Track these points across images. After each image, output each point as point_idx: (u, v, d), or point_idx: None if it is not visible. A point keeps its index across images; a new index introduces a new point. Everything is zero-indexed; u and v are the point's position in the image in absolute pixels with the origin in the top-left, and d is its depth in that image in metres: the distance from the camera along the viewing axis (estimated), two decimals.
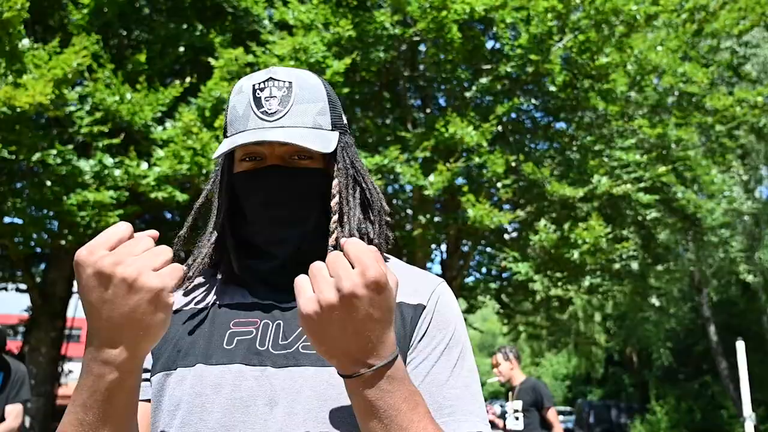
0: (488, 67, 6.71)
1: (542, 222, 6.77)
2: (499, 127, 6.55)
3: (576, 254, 6.11)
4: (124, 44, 8.34)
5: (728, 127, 7.75)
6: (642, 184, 7.00)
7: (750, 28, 7.61)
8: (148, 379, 0.85)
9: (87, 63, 5.42)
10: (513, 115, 7.20)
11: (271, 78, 0.84)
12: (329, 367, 0.77)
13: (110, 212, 5.69)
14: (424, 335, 0.83)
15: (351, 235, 0.85)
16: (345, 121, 0.91)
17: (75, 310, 10.94)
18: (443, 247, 8.90)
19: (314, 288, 0.67)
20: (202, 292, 0.90)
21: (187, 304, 0.89)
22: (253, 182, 0.85)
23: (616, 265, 7.20)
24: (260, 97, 0.83)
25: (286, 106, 0.83)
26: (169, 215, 10.59)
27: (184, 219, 0.93)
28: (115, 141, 6.01)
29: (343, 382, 0.73)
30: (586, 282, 7.59)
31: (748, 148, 11.69)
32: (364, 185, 0.89)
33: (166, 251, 0.65)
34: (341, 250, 0.76)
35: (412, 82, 8.09)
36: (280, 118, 0.82)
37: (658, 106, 8.04)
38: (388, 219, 0.93)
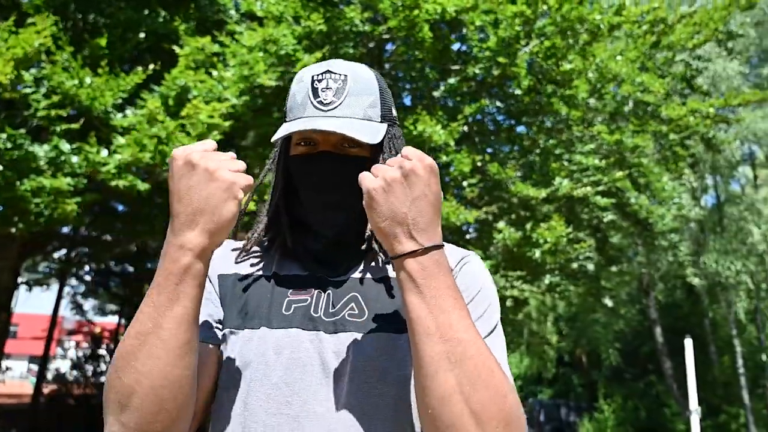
0: (456, 67, 6.80)
1: (501, 222, 6.92)
2: (465, 128, 6.64)
3: (537, 253, 6.27)
4: (80, 27, 8.05)
5: (681, 136, 8.08)
6: (600, 188, 7.23)
7: (703, 42, 7.96)
8: (220, 328, 0.94)
9: (48, 43, 5.22)
10: (478, 117, 7.31)
11: (328, 71, 0.92)
12: (371, 333, 0.88)
13: (68, 199, 5.49)
14: (465, 287, 0.91)
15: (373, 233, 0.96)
16: (394, 114, 0.98)
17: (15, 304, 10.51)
18: None
19: (378, 172, 0.78)
20: (262, 263, 0.99)
21: (250, 273, 0.98)
22: (307, 166, 0.94)
23: (574, 265, 7.44)
24: (317, 88, 0.91)
25: (340, 97, 0.90)
26: (120, 207, 10.29)
27: (137, 210, 1.01)
28: (74, 126, 5.79)
29: (379, 344, 0.84)
30: (546, 280, 7.80)
31: (698, 157, 12.24)
32: None
33: (241, 163, 0.79)
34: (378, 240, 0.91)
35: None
36: (334, 108, 0.90)
37: (616, 114, 8.32)
38: None
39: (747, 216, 13.89)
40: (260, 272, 0.97)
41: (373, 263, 0.97)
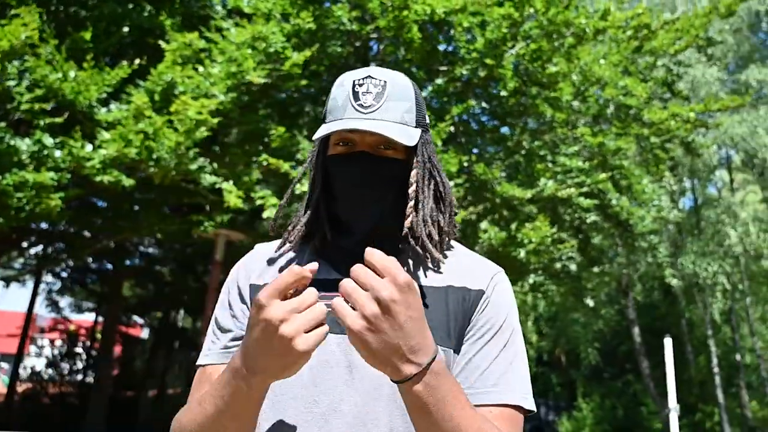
0: (444, 68, 6.84)
1: (484, 223, 6.98)
2: (452, 128, 6.70)
3: (522, 253, 6.35)
4: (62, 20, 7.93)
5: (662, 139, 8.24)
6: (584, 189, 7.34)
7: (684, 48, 8.13)
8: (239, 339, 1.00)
9: (35, 37, 5.14)
10: (464, 117, 7.37)
11: (369, 76, 0.97)
12: None
13: (51, 195, 5.41)
14: (481, 317, 0.95)
15: (424, 221, 0.98)
16: (427, 121, 1.03)
17: None
18: None
19: (355, 304, 0.75)
20: (303, 258, 1.03)
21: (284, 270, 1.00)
22: (345, 164, 0.98)
23: (558, 265, 7.55)
24: (358, 92, 0.95)
25: (380, 101, 0.94)
26: (100, 202, 10.15)
27: (118, 206, 1.02)
28: (58, 120, 5.71)
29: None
30: (530, 280, 7.90)
31: (677, 160, 12.48)
32: (438, 179, 1.02)
33: (320, 312, 0.77)
34: (411, 235, 0.94)
35: None
36: (373, 111, 0.94)
37: (599, 116, 8.45)
38: (456, 211, 1.06)
39: (724, 219, 14.19)
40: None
41: (409, 263, 1.01)
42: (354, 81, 0.96)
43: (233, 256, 13.30)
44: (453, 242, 1.06)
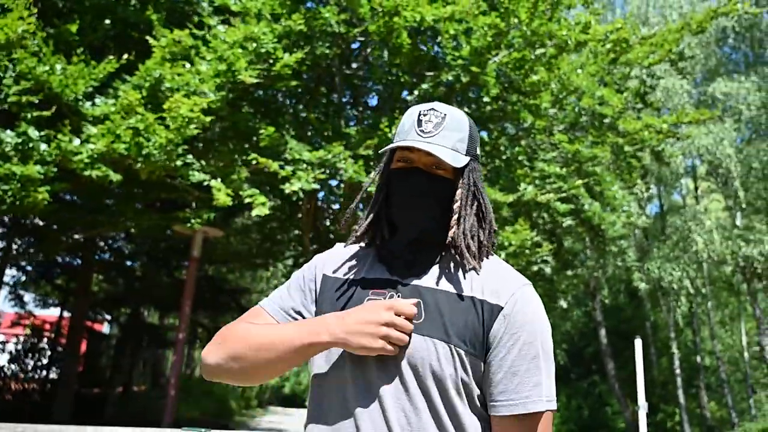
0: (431, 73, 7.01)
1: None
2: None
3: (503, 255, 6.56)
4: (48, 12, 7.83)
5: (635, 148, 8.58)
6: (562, 195, 7.60)
7: (658, 61, 8.48)
8: (292, 315, 1.22)
9: (32, 29, 5.10)
10: None
11: (433, 108, 1.17)
12: (423, 335, 1.07)
13: (39, 188, 5.38)
14: (504, 333, 1.08)
15: (464, 234, 1.14)
16: (478, 152, 1.22)
17: None
18: None
19: None
20: (357, 265, 1.23)
21: (346, 273, 1.22)
22: (402, 177, 1.17)
23: (534, 268, 7.79)
24: (422, 120, 1.15)
25: (438, 129, 1.14)
26: (75, 197, 10.01)
27: (97, 200, 1.20)
28: (46, 113, 5.67)
29: (424, 346, 1.06)
30: None
31: (646, 168, 12.93)
32: (481, 201, 1.19)
33: (406, 338, 1.07)
34: (452, 244, 1.13)
35: (346, 81, 8.27)
36: (432, 136, 1.13)
37: (576, 124, 8.74)
38: (496, 229, 1.21)
39: (691, 226, 14.74)
40: (353, 276, 1.20)
41: (445, 270, 1.15)
42: (420, 111, 1.16)
43: (209, 253, 13.23)
44: (491, 256, 1.20)
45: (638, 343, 6.61)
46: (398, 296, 1.11)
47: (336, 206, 9.09)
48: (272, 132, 6.13)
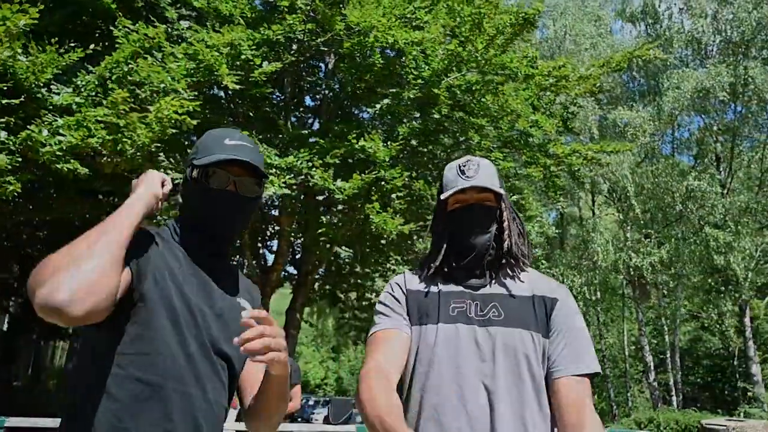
0: (393, 90, 7.48)
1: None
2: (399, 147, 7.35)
3: None
4: None
5: (559, 169, 9.57)
6: None
7: (583, 93, 9.52)
8: (407, 326, 1.52)
9: (32, 24, 4.95)
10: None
11: (469, 160, 1.55)
12: (507, 327, 1.44)
13: (10, 177, 5.23)
14: (563, 318, 1.49)
15: (515, 245, 1.54)
16: (503, 187, 1.60)
17: None
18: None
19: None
20: (437, 280, 1.56)
21: (426, 290, 1.56)
22: (465, 212, 1.53)
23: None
24: (463, 169, 1.53)
25: (477, 172, 1.51)
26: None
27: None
28: (15, 101, 5.50)
29: (514, 334, 1.43)
30: None
31: (566, 186, 14.25)
32: (518, 221, 1.60)
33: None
34: (507, 254, 1.52)
35: (310, 92, 8.56)
36: (473, 178, 1.51)
37: (509, 143, 9.59)
38: (532, 242, 1.75)
39: (593, 236, 16.37)
40: (433, 289, 1.55)
41: (507, 278, 1.54)
42: (459, 164, 1.54)
43: None
44: (530, 267, 1.59)
45: None
46: (476, 303, 1.47)
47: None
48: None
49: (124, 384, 1.21)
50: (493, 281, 1.52)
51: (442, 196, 1.52)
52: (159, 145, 5.98)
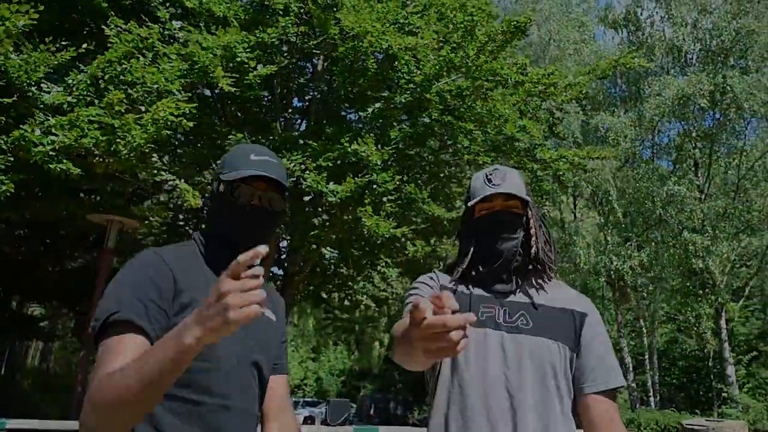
0: (384, 94, 7.55)
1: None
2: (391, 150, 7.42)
3: (442, 265, 7.28)
4: None
5: (545, 174, 9.73)
6: None
7: (569, 99, 9.70)
8: None
9: (29, 25, 4.91)
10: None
11: (496, 169, 1.58)
12: (536, 336, 1.45)
13: (1, 177, 5.19)
14: (592, 332, 1.51)
15: (542, 250, 1.55)
16: (529, 195, 1.62)
17: None
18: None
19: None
20: (465, 283, 1.57)
21: (457, 286, 1.56)
22: (492, 217, 1.55)
23: None
24: (491, 178, 1.55)
25: (504, 180, 1.54)
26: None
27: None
28: (7, 100, 5.45)
29: (542, 344, 1.44)
30: None
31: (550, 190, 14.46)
32: (545, 229, 1.62)
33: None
34: (535, 259, 1.53)
35: (298, 93, 8.59)
36: (500, 186, 1.53)
37: (497, 147, 9.72)
38: (557, 249, 1.75)
39: (574, 239, 16.62)
40: (464, 290, 1.55)
41: (532, 286, 1.55)
42: (486, 173, 1.57)
43: (123, 245, 12.71)
44: (559, 279, 1.62)
45: None
46: (504, 310, 1.48)
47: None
48: (241, 138, 6.34)
49: (167, 403, 1.23)
50: (520, 288, 1.54)
51: (469, 204, 1.55)
52: (152, 145, 5.97)
